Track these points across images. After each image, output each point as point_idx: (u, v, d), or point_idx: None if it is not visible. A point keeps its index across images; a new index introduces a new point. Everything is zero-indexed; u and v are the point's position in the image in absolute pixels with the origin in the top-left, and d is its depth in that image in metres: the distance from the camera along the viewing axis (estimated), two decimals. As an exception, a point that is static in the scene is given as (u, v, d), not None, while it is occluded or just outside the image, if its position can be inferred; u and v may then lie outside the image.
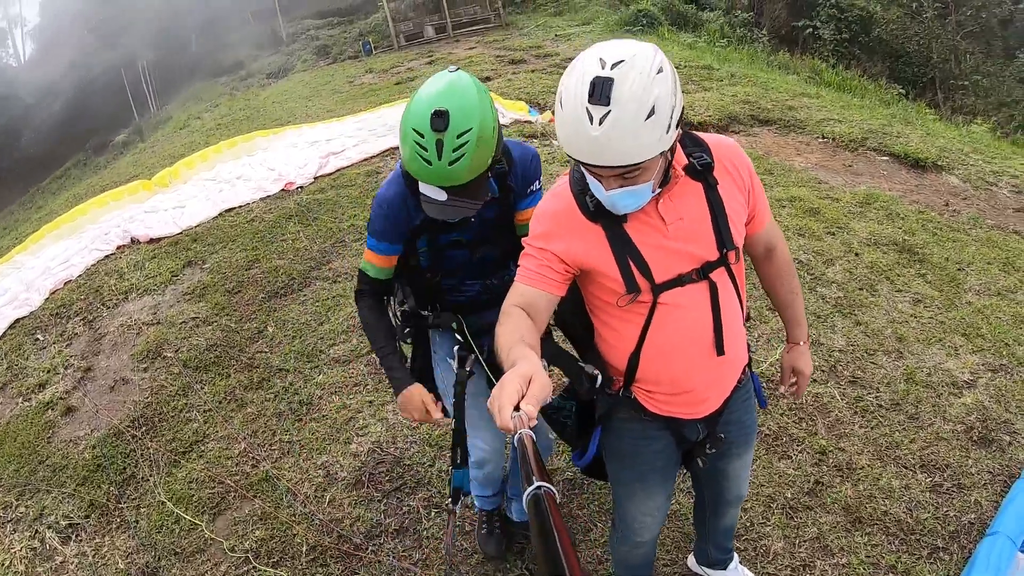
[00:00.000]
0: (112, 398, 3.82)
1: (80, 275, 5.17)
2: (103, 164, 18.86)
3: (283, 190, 6.08)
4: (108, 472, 3.27)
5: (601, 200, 1.40)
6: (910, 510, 2.56)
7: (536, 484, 0.87)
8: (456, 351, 1.90)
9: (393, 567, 2.55)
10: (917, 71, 15.51)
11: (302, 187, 6.11)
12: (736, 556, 2.30)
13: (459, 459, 2.00)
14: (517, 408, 1.04)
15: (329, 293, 4.41)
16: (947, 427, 2.95)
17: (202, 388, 3.72)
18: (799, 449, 2.86)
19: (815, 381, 3.21)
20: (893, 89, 12.15)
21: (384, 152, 6.65)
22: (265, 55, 21.43)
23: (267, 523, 2.82)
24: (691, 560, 2.37)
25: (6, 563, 2.90)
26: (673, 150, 1.41)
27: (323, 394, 3.53)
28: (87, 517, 3.07)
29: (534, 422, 1.02)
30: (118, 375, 3.99)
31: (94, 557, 2.86)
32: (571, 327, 1.74)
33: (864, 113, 7.87)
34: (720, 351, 1.53)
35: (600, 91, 1.23)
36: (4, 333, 4.65)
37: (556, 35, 13.38)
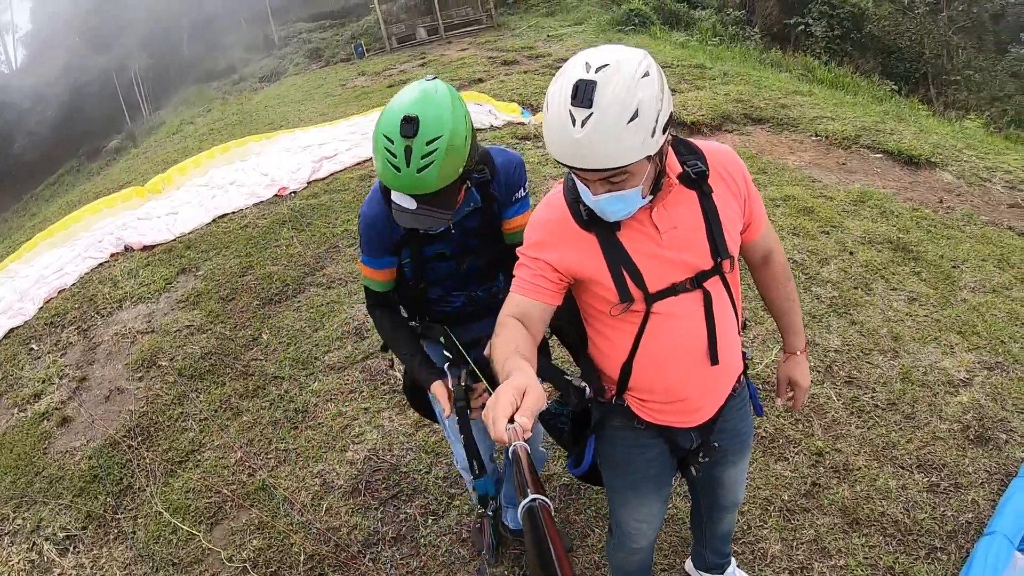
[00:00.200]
0: (107, 408, 3.81)
1: (74, 283, 5.15)
2: (96, 170, 18.74)
3: (276, 195, 6.06)
4: (104, 483, 3.26)
5: (589, 205, 1.39)
6: (907, 510, 2.57)
7: (531, 496, 0.88)
8: (447, 368, 1.89)
9: (391, 575, 2.54)
10: (909, 67, 15.58)
11: (295, 192, 6.09)
12: (734, 560, 2.30)
13: (477, 470, 1.98)
14: (512, 420, 1.03)
15: (323, 299, 4.39)
16: (944, 426, 2.96)
17: (197, 397, 3.71)
18: (795, 451, 2.87)
19: (811, 382, 3.20)
20: (886, 85, 12.21)
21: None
22: (257, 59, 21.39)
23: (264, 532, 2.81)
24: (688, 564, 2.37)
25: (4, 576, 2.89)
26: (665, 157, 1.41)
27: (318, 401, 3.52)
28: (84, 528, 3.06)
29: (529, 434, 1.02)
30: (113, 384, 3.97)
31: (92, 569, 2.85)
32: (566, 335, 1.74)
33: (857, 110, 7.89)
34: (714, 360, 1.53)
35: (583, 94, 1.24)
36: (-2, 343, 4.63)
37: (548, 36, 13.36)
